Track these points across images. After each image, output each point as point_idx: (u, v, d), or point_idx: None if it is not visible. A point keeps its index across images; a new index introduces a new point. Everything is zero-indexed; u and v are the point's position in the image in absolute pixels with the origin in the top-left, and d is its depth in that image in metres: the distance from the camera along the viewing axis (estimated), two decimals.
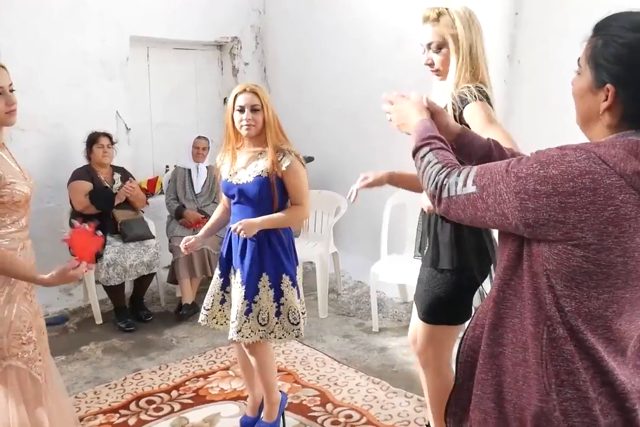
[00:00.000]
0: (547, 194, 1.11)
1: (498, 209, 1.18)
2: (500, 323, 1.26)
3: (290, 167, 2.55)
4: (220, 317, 2.71)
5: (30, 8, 4.14)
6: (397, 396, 3.09)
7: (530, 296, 1.20)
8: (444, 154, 1.35)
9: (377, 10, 4.42)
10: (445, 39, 2.03)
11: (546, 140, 3.98)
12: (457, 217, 1.28)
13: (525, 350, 1.22)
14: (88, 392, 3.19)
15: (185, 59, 5.33)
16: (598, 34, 1.19)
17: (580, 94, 1.23)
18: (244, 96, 2.52)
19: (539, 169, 1.13)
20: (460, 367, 1.35)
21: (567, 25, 3.58)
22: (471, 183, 1.22)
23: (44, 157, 4.35)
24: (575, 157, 1.12)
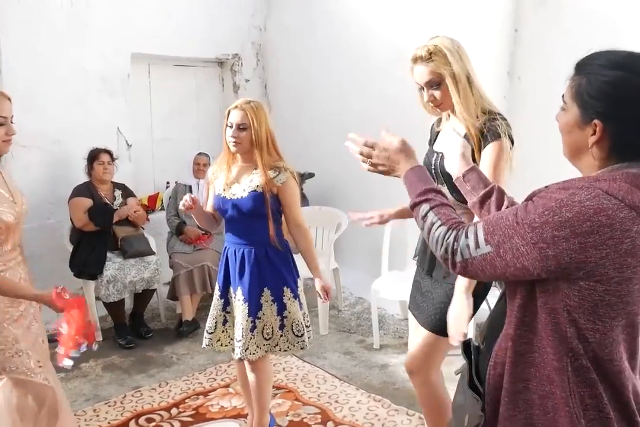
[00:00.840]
0: (566, 238, 1.13)
1: (518, 264, 1.19)
2: (520, 359, 1.26)
3: (285, 184, 2.55)
4: (224, 339, 2.69)
5: (32, 26, 4.18)
6: (399, 414, 3.06)
7: (550, 333, 1.22)
8: (445, 212, 1.35)
9: (377, 26, 4.45)
10: (442, 75, 2.08)
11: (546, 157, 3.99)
12: (475, 277, 1.30)
13: (550, 383, 1.23)
14: (87, 410, 3.16)
15: (186, 76, 5.36)
16: (581, 72, 1.24)
17: (567, 129, 1.27)
18: (234, 113, 2.53)
19: (552, 216, 1.15)
20: (488, 409, 1.33)
21: (566, 41, 3.61)
22: (484, 243, 1.22)
23: (45, 174, 4.36)
24: (585, 197, 1.14)
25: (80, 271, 4.02)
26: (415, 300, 2.38)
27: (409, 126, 4.23)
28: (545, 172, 3.55)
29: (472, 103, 2.10)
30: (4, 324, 2.07)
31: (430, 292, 2.28)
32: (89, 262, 3.99)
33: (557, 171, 3.65)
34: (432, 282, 2.28)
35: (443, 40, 2.11)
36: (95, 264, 3.97)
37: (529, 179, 2.69)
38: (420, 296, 2.34)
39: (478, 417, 1.32)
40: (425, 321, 2.28)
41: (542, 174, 3.49)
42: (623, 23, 3.29)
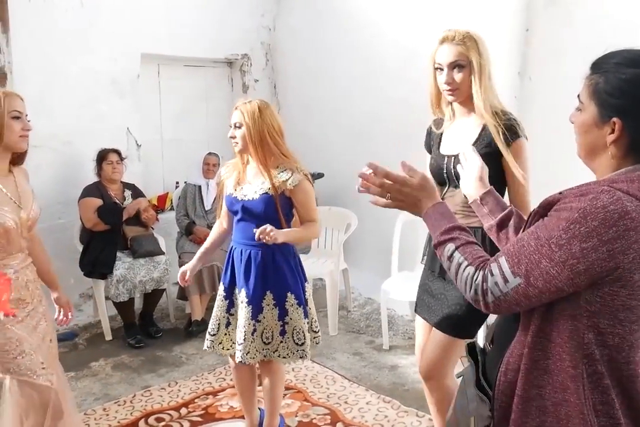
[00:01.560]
0: (594, 248, 1.12)
1: (552, 288, 1.17)
2: (535, 366, 1.25)
3: (299, 186, 2.51)
4: (226, 342, 2.66)
5: (41, 28, 4.19)
6: (409, 415, 3.05)
7: (567, 339, 1.20)
8: (471, 251, 1.31)
9: (387, 28, 4.44)
10: (470, 59, 2.09)
11: (557, 157, 3.98)
12: (512, 312, 1.27)
13: (564, 390, 1.21)
14: (97, 409, 3.17)
15: (195, 76, 5.37)
16: (597, 71, 1.23)
17: (583, 129, 1.27)
18: (233, 113, 2.55)
19: (579, 227, 1.13)
20: (495, 414, 1.32)
21: (577, 41, 3.59)
22: (512, 276, 1.19)
23: (56, 174, 4.38)
24: (608, 201, 1.12)
25: (90, 271, 4.03)
26: (425, 303, 2.36)
27: (418, 128, 4.24)
28: (556, 173, 3.54)
29: (490, 96, 2.12)
30: (8, 325, 2.08)
31: (443, 295, 2.26)
32: (98, 261, 4.00)
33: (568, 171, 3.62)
34: (444, 284, 2.26)
35: (472, 30, 2.14)
36: (105, 263, 3.99)
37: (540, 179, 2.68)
38: (431, 298, 2.32)
39: (487, 419, 1.31)
40: (440, 322, 2.26)
41: (553, 174, 3.49)
42: (635, 22, 3.26)
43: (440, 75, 2.16)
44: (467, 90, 2.13)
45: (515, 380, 1.27)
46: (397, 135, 4.46)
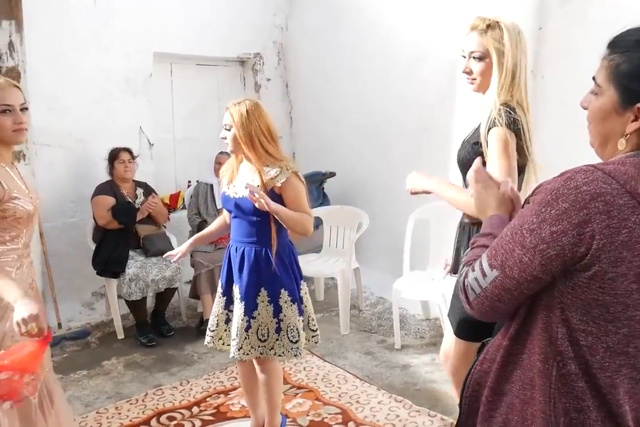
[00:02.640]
0: (564, 231, 1.04)
1: (528, 276, 1.09)
2: (510, 359, 1.19)
3: (286, 183, 2.49)
4: (226, 338, 2.67)
5: (55, 27, 4.21)
6: (420, 415, 3.04)
7: (540, 331, 1.13)
8: (476, 251, 1.26)
9: (400, 26, 4.43)
10: (490, 51, 2.01)
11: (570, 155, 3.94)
12: (497, 312, 1.18)
13: (532, 387, 1.14)
14: (109, 408, 3.18)
15: (208, 75, 5.38)
16: (616, 51, 1.12)
17: (601, 115, 1.15)
18: (225, 114, 2.57)
19: (549, 210, 1.06)
20: (465, 402, 1.28)
21: (591, 40, 3.54)
22: (489, 269, 1.13)
23: (68, 172, 4.40)
24: (582, 181, 1.05)
25: (103, 269, 4.05)
26: (453, 305, 2.30)
27: (430, 126, 4.24)
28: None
29: (508, 91, 2.01)
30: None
31: (457, 295, 2.25)
32: (111, 260, 4.02)
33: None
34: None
35: (507, 20, 2.03)
36: (118, 262, 4.00)
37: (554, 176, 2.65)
38: (455, 299, 2.26)
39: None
40: (455, 327, 2.23)
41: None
42: None
43: (463, 62, 2.11)
44: (488, 83, 2.05)
45: (490, 371, 1.22)
46: (409, 134, 4.45)
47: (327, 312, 4.52)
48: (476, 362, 1.29)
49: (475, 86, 2.11)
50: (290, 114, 5.66)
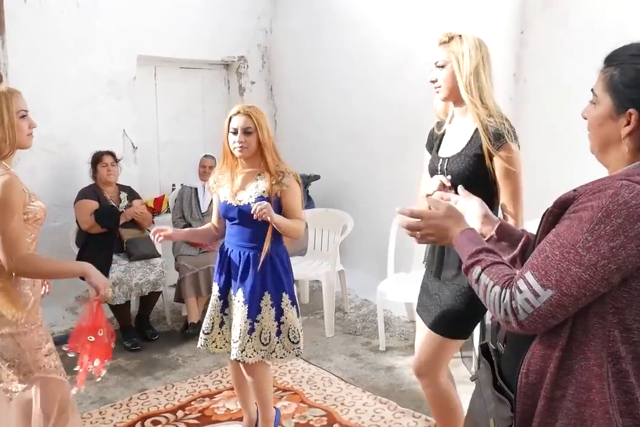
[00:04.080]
0: (623, 245, 1.11)
1: (587, 292, 1.14)
2: (561, 366, 1.22)
3: (290, 187, 2.57)
4: (219, 341, 2.69)
5: (37, 29, 4.19)
6: (405, 416, 3.05)
7: (592, 337, 1.18)
8: (496, 271, 1.27)
9: (383, 30, 4.46)
10: (450, 59, 2.15)
11: (552, 158, 3.99)
12: (548, 327, 1.21)
13: (588, 390, 1.19)
14: (93, 413, 3.16)
15: (192, 78, 5.37)
16: (612, 64, 1.22)
17: (598, 122, 1.24)
18: (237, 118, 2.52)
19: (604, 227, 1.11)
20: (518, 416, 1.29)
21: (573, 44, 3.60)
22: (542, 289, 1.16)
23: (51, 176, 4.37)
24: (629, 196, 1.11)
25: None
26: (423, 302, 2.38)
27: (414, 129, 4.25)
28: (551, 174, 3.55)
29: (478, 93, 2.13)
30: (38, 322, 2.13)
31: (437, 295, 2.28)
32: (94, 264, 3.95)
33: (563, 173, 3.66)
34: (439, 285, 2.28)
35: (469, 34, 2.17)
36: (101, 266, 3.97)
37: (535, 181, 2.69)
38: (428, 298, 2.34)
39: (508, 420, 1.29)
40: (432, 323, 2.28)
41: (549, 176, 3.50)
42: (630, 24, 3.28)
43: None
44: (453, 89, 2.17)
45: (538, 381, 1.25)
46: (393, 137, 4.47)
47: (312, 314, 4.52)
48: (519, 375, 1.28)
49: (442, 93, 2.22)
50: (275, 117, 5.67)
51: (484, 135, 2.09)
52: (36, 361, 2.07)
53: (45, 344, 2.13)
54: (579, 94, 1.33)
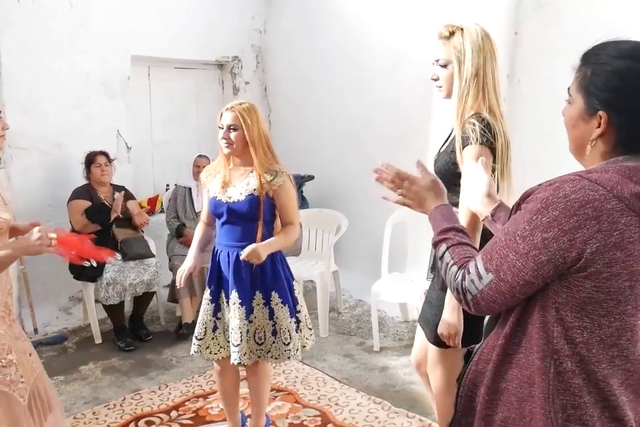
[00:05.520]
0: (555, 238, 1.11)
1: (520, 281, 1.15)
2: (506, 359, 1.24)
3: (282, 187, 2.53)
4: (213, 346, 2.63)
5: (31, 29, 4.17)
6: (399, 416, 3.06)
7: (537, 330, 1.19)
8: (459, 251, 1.30)
9: (377, 30, 4.46)
10: (451, 59, 2.04)
11: (545, 159, 4.00)
12: (493, 311, 1.24)
13: (531, 385, 1.19)
14: (87, 413, 3.15)
15: (186, 78, 5.36)
16: (587, 63, 1.20)
17: (572, 122, 1.23)
18: (225, 115, 2.53)
19: (540, 218, 1.12)
20: (460, 401, 1.32)
21: (566, 44, 3.61)
22: (485, 272, 1.19)
23: (45, 176, 4.36)
24: (570, 189, 1.11)
25: (80, 274, 4.01)
26: (424, 314, 2.30)
27: (408, 130, 4.26)
28: (544, 174, 3.55)
29: (468, 98, 2.03)
30: (0, 330, 1.98)
31: (430, 302, 2.23)
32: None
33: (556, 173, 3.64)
34: (438, 293, 2.19)
35: (473, 26, 2.03)
36: (95, 266, 3.96)
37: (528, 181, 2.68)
38: (427, 306, 2.27)
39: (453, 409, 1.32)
40: (431, 336, 2.21)
41: (541, 176, 3.50)
42: (623, 25, 3.29)
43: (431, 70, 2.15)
44: (452, 87, 2.08)
45: (486, 371, 1.27)
46: (387, 137, 4.48)
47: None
48: (470, 363, 1.32)
49: (443, 92, 2.14)
50: (269, 117, 5.67)
51: (458, 137, 2.02)
52: None
53: (7, 355, 1.96)
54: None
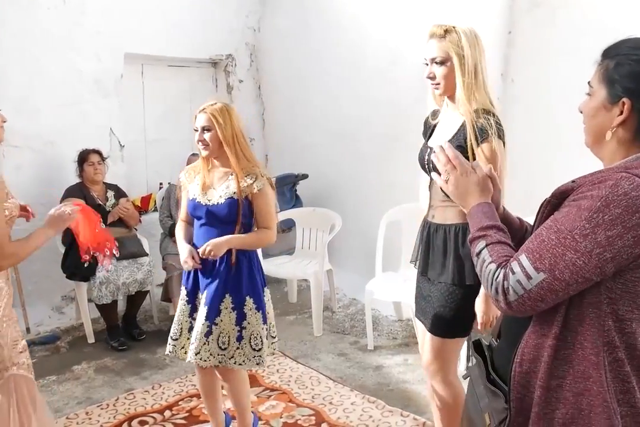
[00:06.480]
0: (620, 235, 1.12)
1: (580, 279, 1.16)
2: (556, 356, 1.24)
3: (262, 191, 2.49)
4: (188, 346, 2.60)
5: (24, 26, 4.15)
6: (393, 415, 3.06)
7: (588, 327, 1.20)
8: (499, 249, 1.29)
9: (372, 29, 4.45)
10: (450, 55, 2.08)
11: (539, 156, 3.99)
12: (536, 311, 1.23)
13: (586, 379, 1.21)
14: (80, 413, 3.13)
15: (179, 76, 5.34)
16: (609, 56, 1.24)
17: (592, 113, 1.26)
18: (198, 117, 2.52)
19: (602, 216, 1.13)
20: (513, 406, 1.30)
21: (560, 43, 3.62)
22: (535, 272, 1.18)
23: (37, 175, 4.33)
24: (629, 187, 1.12)
25: (72, 273, 3.99)
26: (420, 306, 2.36)
27: (403, 129, 4.26)
28: (538, 173, 3.57)
29: (474, 92, 2.08)
30: (14, 318, 2.12)
31: (430, 296, 2.27)
32: (81, 263, 3.92)
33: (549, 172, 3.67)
34: (430, 286, 2.27)
35: (462, 25, 2.11)
36: (88, 265, 3.94)
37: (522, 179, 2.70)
38: (423, 301, 2.33)
39: (503, 411, 1.29)
40: (430, 325, 2.27)
41: (535, 175, 3.51)
42: (616, 25, 3.29)
43: (426, 69, 2.19)
44: (452, 85, 2.13)
45: (531, 370, 1.26)
46: (382, 136, 4.47)
47: (300, 314, 4.52)
48: (514, 365, 1.29)
49: (441, 90, 2.18)
50: (263, 115, 5.66)
51: (470, 130, 2.06)
52: (12, 357, 2.04)
53: (21, 340, 2.11)
54: (566, 94, 1.33)
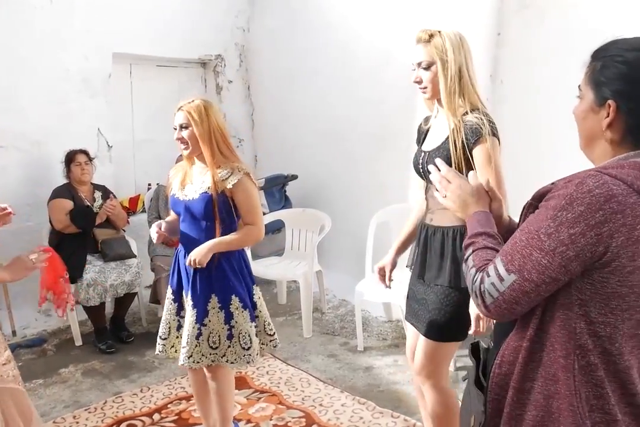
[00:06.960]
0: (582, 233, 1.11)
1: (547, 278, 1.15)
2: (531, 358, 1.24)
3: (237, 185, 2.44)
4: (178, 345, 2.59)
5: (10, 25, 4.11)
6: (384, 416, 3.05)
7: (559, 329, 1.19)
8: (482, 254, 1.29)
9: (362, 30, 4.44)
10: (434, 59, 2.11)
11: (528, 158, 4.01)
12: (514, 314, 1.23)
13: (556, 382, 1.21)
14: (67, 417, 3.10)
15: (168, 76, 5.31)
16: (596, 58, 1.23)
17: (582, 115, 1.26)
18: (177, 115, 2.53)
19: (565, 214, 1.12)
20: (489, 406, 1.31)
21: (549, 45, 3.63)
22: (506, 273, 1.18)
23: (24, 175, 4.29)
24: (594, 184, 1.11)
25: None
26: (412, 309, 2.35)
27: (392, 130, 4.26)
28: (528, 174, 3.57)
29: (458, 95, 2.10)
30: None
31: (424, 299, 2.26)
32: (68, 265, 3.87)
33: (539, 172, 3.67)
34: (424, 289, 2.26)
35: (448, 30, 2.13)
36: (75, 267, 3.90)
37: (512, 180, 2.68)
38: (416, 303, 2.32)
39: (482, 414, 1.31)
40: (425, 329, 2.25)
41: (525, 176, 3.51)
42: (605, 26, 3.30)
43: (413, 74, 2.21)
44: (439, 89, 2.14)
45: (510, 373, 1.27)
46: (371, 137, 4.47)
47: (290, 315, 4.50)
48: (494, 366, 1.31)
49: (428, 94, 2.20)
50: (252, 116, 5.64)
51: (456, 135, 2.07)
52: None
53: (4, 352, 2.05)
54: (555, 95, 1.33)
